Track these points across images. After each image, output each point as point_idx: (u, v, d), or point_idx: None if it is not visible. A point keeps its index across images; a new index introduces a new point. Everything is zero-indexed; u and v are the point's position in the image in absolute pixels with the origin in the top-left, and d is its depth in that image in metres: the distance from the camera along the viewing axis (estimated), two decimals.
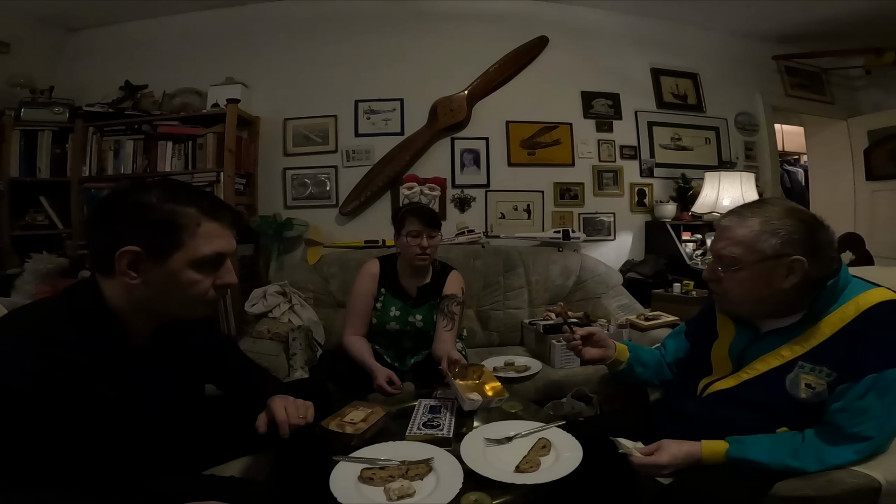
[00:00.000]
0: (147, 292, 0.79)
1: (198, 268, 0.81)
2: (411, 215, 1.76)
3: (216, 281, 0.84)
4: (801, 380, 0.94)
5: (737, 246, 0.97)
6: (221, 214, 0.84)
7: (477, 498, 0.93)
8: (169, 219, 0.78)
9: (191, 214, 0.80)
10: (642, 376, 1.27)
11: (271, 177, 2.92)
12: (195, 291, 0.82)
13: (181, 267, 0.79)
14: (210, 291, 0.84)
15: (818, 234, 0.95)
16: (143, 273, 0.78)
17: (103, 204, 0.82)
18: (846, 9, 2.99)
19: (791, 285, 0.94)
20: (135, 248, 0.76)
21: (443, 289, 1.84)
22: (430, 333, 1.82)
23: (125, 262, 0.77)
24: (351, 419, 1.19)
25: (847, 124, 3.71)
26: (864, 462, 0.89)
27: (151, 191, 0.80)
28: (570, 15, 3.11)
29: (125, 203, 0.79)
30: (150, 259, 0.78)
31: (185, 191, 0.84)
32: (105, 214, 0.80)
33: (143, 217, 0.77)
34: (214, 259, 0.83)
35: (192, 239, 0.79)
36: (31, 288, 2.23)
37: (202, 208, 0.81)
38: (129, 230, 0.77)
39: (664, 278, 2.77)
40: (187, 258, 0.79)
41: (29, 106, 2.61)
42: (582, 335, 1.26)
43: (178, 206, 0.79)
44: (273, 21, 2.95)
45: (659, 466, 0.96)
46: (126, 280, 0.78)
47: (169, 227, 0.78)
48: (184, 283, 0.80)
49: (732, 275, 0.98)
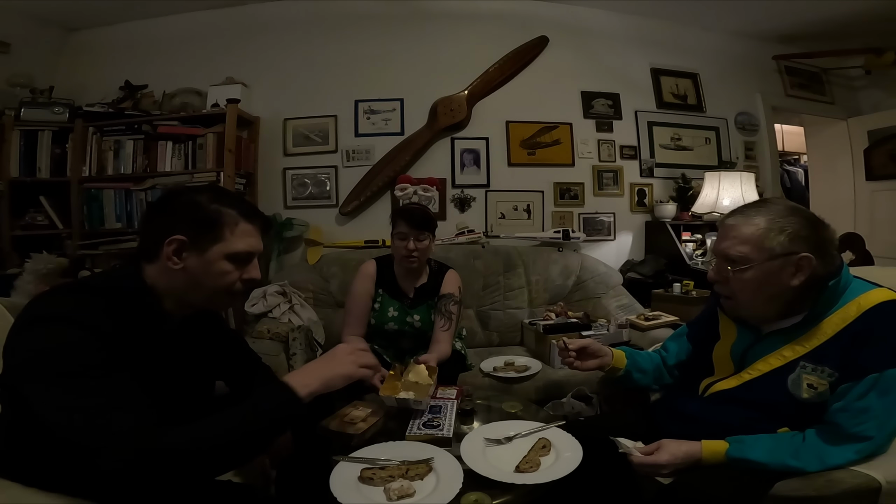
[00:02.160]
0: (184, 278, 0.90)
1: (231, 261, 0.92)
2: (400, 217, 1.76)
3: (243, 275, 0.95)
4: (803, 380, 0.94)
5: (744, 245, 0.96)
6: (256, 218, 0.97)
7: (477, 498, 0.93)
8: (214, 216, 0.91)
9: (232, 215, 0.92)
10: (641, 382, 1.27)
11: (271, 177, 2.92)
12: (224, 281, 0.93)
13: (217, 258, 0.91)
14: (237, 284, 0.95)
15: (822, 230, 0.95)
16: (184, 260, 0.89)
17: (162, 199, 0.96)
18: (846, 9, 2.99)
19: (799, 283, 0.94)
20: (181, 238, 0.88)
21: (440, 288, 1.85)
22: (429, 333, 1.81)
23: (172, 248, 0.88)
24: (351, 419, 1.19)
25: (847, 124, 3.71)
26: (865, 462, 0.89)
27: (202, 192, 0.95)
28: (570, 15, 3.11)
29: (180, 200, 0.93)
30: (193, 248, 0.89)
31: (229, 195, 0.99)
32: (162, 208, 0.94)
33: (193, 212, 0.90)
34: (245, 255, 0.94)
35: (230, 235, 0.92)
36: (31, 288, 2.22)
37: (241, 211, 0.94)
38: (180, 222, 0.89)
39: (664, 278, 2.77)
40: (223, 251, 0.91)
41: (29, 106, 2.61)
42: (576, 349, 1.24)
43: (223, 206, 0.92)
44: (273, 21, 2.95)
45: (659, 466, 0.96)
46: (169, 265, 0.89)
47: (213, 223, 0.91)
48: (216, 272, 0.91)
49: (741, 274, 0.97)
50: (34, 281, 2.25)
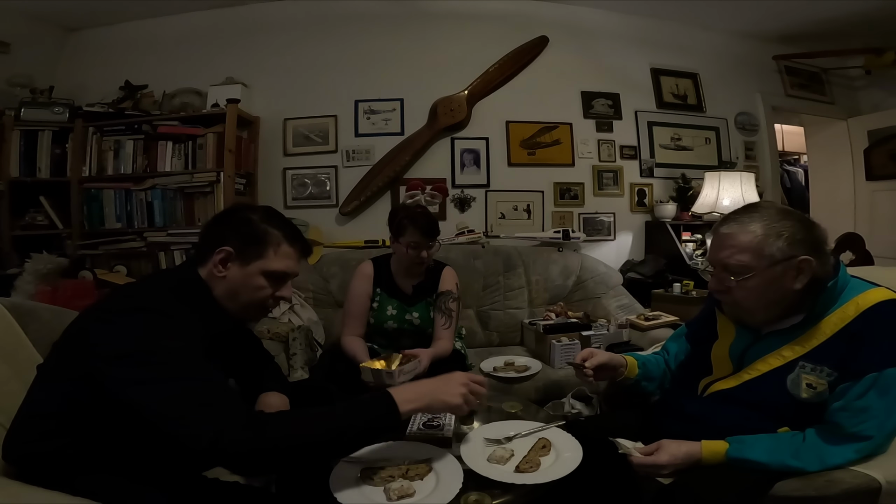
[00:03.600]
0: (224, 286, 0.98)
1: (267, 277, 0.99)
2: (412, 226, 1.74)
3: (276, 293, 1.02)
4: (803, 380, 0.94)
5: (744, 253, 0.95)
6: (298, 243, 1.04)
7: (477, 498, 0.93)
8: (261, 234, 0.99)
9: (277, 235, 1.00)
10: (647, 389, 1.27)
11: (271, 177, 2.92)
12: (259, 296, 1.00)
13: (255, 272, 0.98)
14: (269, 300, 1.03)
15: (815, 231, 0.96)
16: (228, 269, 0.98)
17: (222, 212, 1.08)
18: (846, 9, 2.99)
19: (802, 285, 0.94)
20: (229, 249, 0.97)
21: (438, 285, 1.86)
22: (428, 330, 1.83)
23: (220, 257, 0.97)
24: None
25: (847, 124, 3.71)
26: (864, 462, 0.89)
27: (257, 211, 1.03)
28: (570, 15, 3.11)
29: (237, 215, 1.02)
30: (237, 259, 0.98)
31: (279, 218, 1.05)
32: (220, 220, 1.04)
33: (244, 227, 0.99)
34: (281, 275, 1.01)
35: (272, 254, 0.99)
36: (31, 288, 2.22)
37: (287, 233, 1.02)
38: (232, 235, 0.98)
39: (664, 278, 2.76)
40: (263, 267, 0.99)
41: (29, 106, 2.61)
42: (596, 366, 1.20)
43: (271, 227, 1.00)
44: (273, 21, 2.95)
45: (658, 466, 0.96)
46: (214, 272, 0.97)
47: (259, 240, 0.99)
48: (253, 286, 0.99)
49: (744, 283, 0.96)
50: (34, 281, 2.25)
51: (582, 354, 1.21)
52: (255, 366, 1.24)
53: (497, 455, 1.05)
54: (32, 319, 1.13)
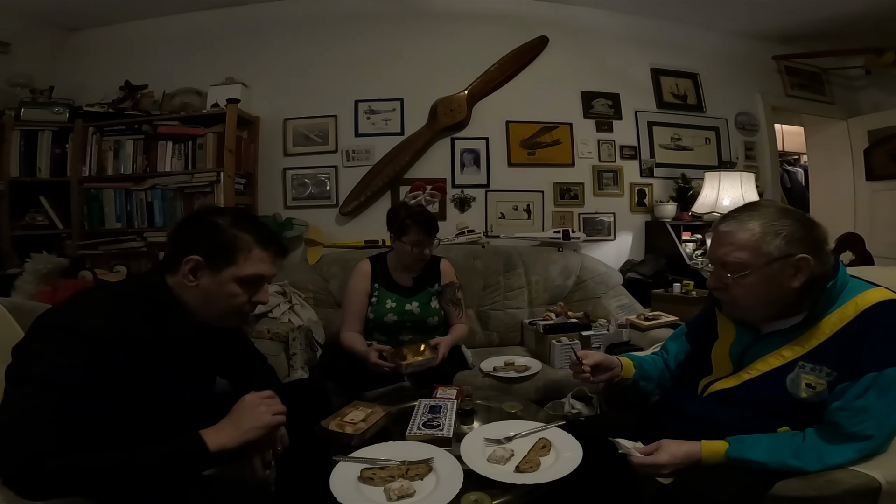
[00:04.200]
0: (197, 294, 0.96)
1: (240, 284, 0.97)
2: (415, 226, 1.81)
3: (252, 298, 1.00)
4: (802, 379, 0.94)
5: (742, 251, 0.96)
6: (271, 245, 1.02)
7: (477, 498, 0.94)
8: (230, 241, 0.96)
9: (247, 241, 0.97)
10: (645, 389, 1.27)
11: (271, 177, 2.92)
12: (233, 303, 0.98)
13: (228, 280, 0.96)
14: (246, 306, 1.01)
15: (815, 230, 0.96)
16: (199, 279, 0.95)
17: (189, 217, 1.04)
18: (846, 9, 2.99)
19: (800, 284, 0.94)
20: (198, 258, 0.94)
21: (436, 275, 1.96)
22: (428, 321, 1.90)
23: (189, 266, 0.94)
24: (351, 419, 1.19)
25: (847, 124, 3.71)
26: (864, 462, 0.89)
27: (225, 215, 0.99)
28: (570, 15, 3.11)
29: (204, 221, 0.98)
30: (208, 268, 0.95)
31: (249, 220, 1.02)
32: (186, 226, 1.00)
33: (212, 235, 0.96)
34: (255, 279, 0.99)
35: (242, 260, 0.97)
36: (32, 288, 2.22)
37: (258, 237, 0.99)
38: (199, 243, 0.95)
39: (664, 278, 2.76)
40: (234, 274, 0.96)
41: (29, 106, 2.61)
42: (591, 365, 1.21)
43: (240, 231, 0.97)
44: (273, 21, 2.95)
45: (658, 466, 0.96)
46: (184, 281, 0.95)
47: (229, 247, 0.96)
48: (227, 293, 0.97)
49: (741, 280, 0.96)
50: (34, 281, 2.25)
51: (581, 355, 1.23)
52: (247, 367, 1.22)
53: (497, 455, 1.05)
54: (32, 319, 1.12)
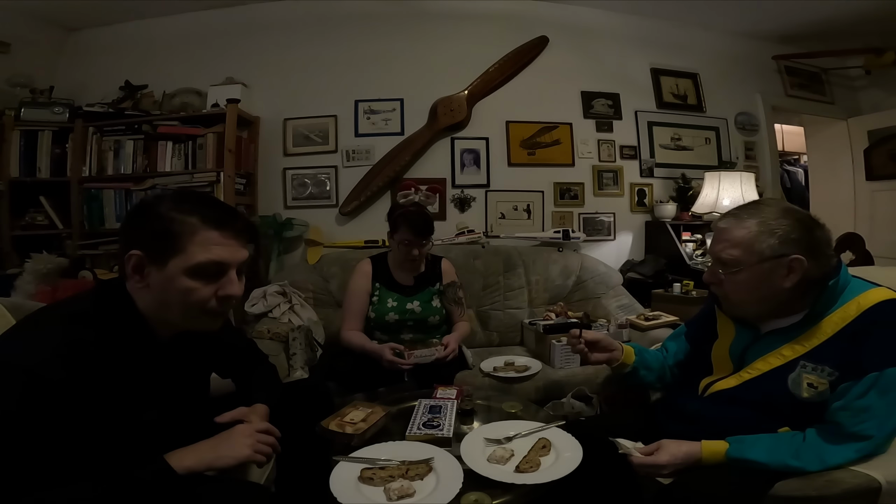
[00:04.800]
0: (151, 297, 0.83)
1: (193, 275, 0.81)
2: (405, 224, 1.82)
3: (218, 291, 0.84)
4: (804, 379, 0.94)
5: (735, 248, 0.97)
6: (226, 224, 0.84)
7: (477, 498, 0.93)
8: (168, 226, 0.80)
9: (191, 223, 0.81)
10: (646, 379, 1.27)
11: (271, 177, 2.92)
12: (192, 299, 0.82)
13: (177, 273, 0.80)
14: (211, 302, 0.84)
15: (815, 232, 0.96)
16: (147, 277, 0.81)
17: (130, 211, 0.92)
18: (846, 9, 2.99)
19: (792, 284, 0.94)
20: (137, 252, 0.80)
21: (438, 275, 1.98)
22: (429, 320, 1.91)
23: (131, 264, 0.81)
24: (351, 419, 1.19)
25: (847, 124, 3.71)
26: (865, 462, 0.89)
27: (165, 199, 0.83)
28: (570, 15, 3.11)
29: (140, 211, 0.84)
30: (152, 263, 0.81)
31: (194, 200, 0.85)
32: (126, 221, 0.87)
33: (147, 223, 0.81)
34: (211, 267, 0.83)
35: (189, 246, 0.80)
36: (31, 288, 2.22)
37: (205, 217, 0.82)
38: (136, 235, 0.81)
39: (664, 278, 2.76)
40: (183, 265, 0.80)
41: (29, 106, 2.61)
42: (588, 340, 1.23)
43: (181, 214, 0.81)
44: (273, 21, 2.95)
45: (658, 466, 0.96)
46: (134, 283, 0.82)
47: (166, 233, 0.80)
48: (180, 289, 0.81)
49: (733, 276, 0.98)
50: (34, 281, 2.25)
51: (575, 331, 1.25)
52: (247, 366, 1.20)
53: (497, 455, 1.05)
54: None
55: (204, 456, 0.84)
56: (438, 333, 1.93)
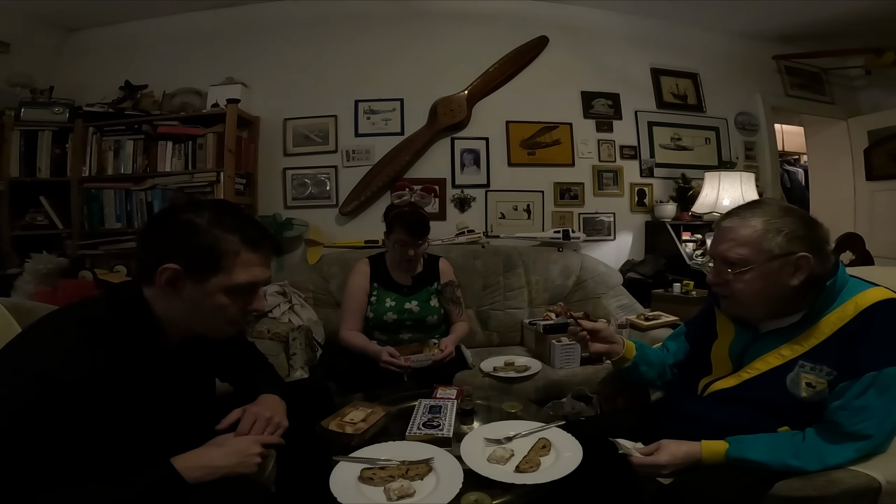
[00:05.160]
0: (181, 306, 0.84)
1: (231, 294, 0.84)
2: (399, 225, 1.82)
3: (246, 306, 0.89)
4: (802, 379, 0.94)
5: (743, 247, 0.96)
6: (262, 245, 0.88)
7: (477, 498, 0.93)
8: (212, 244, 0.81)
9: (233, 242, 0.83)
10: (646, 375, 1.27)
11: (271, 177, 2.92)
12: (225, 315, 0.86)
13: (216, 291, 0.83)
14: (239, 316, 0.89)
15: (816, 230, 0.96)
16: (180, 290, 0.82)
17: (157, 217, 0.87)
18: (846, 9, 2.99)
19: (799, 282, 0.94)
20: (175, 267, 0.80)
21: (435, 274, 1.98)
22: (427, 319, 1.91)
23: (165, 277, 0.80)
24: (351, 419, 1.19)
25: (847, 124, 3.71)
26: (865, 461, 0.89)
27: (203, 212, 0.83)
28: (570, 15, 3.11)
29: (176, 220, 0.83)
30: (189, 278, 0.81)
31: (233, 216, 0.86)
32: (157, 228, 0.85)
33: (188, 238, 0.81)
34: (249, 287, 0.86)
35: (230, 266, 0.83)
36: (31, 288, 2.22)
37: (245, 237, 0.84)
38: (174, 248, 0.81)
39: (664, 278, 2.76)
40: (223, 284, 0.83)
41: (29, 106, 2.61)
42: (588, 329, 1.23)
43: (223, 232, 0.82)
44: (273, 21, 2.95)
45: (658, 466, 0.96)
46: (162, 293, 0.82)
47: (211, 253, 0.82)
48: (216, 306, 0.84)
49: (741, 276, 0.97)
50: (34, 281, 2.25)
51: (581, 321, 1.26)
52: (248, 369, 1.20)
53: (497, 455, 1.05)
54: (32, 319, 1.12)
55: (206, 461, 0.85)
56: (437, 333, 1.93)
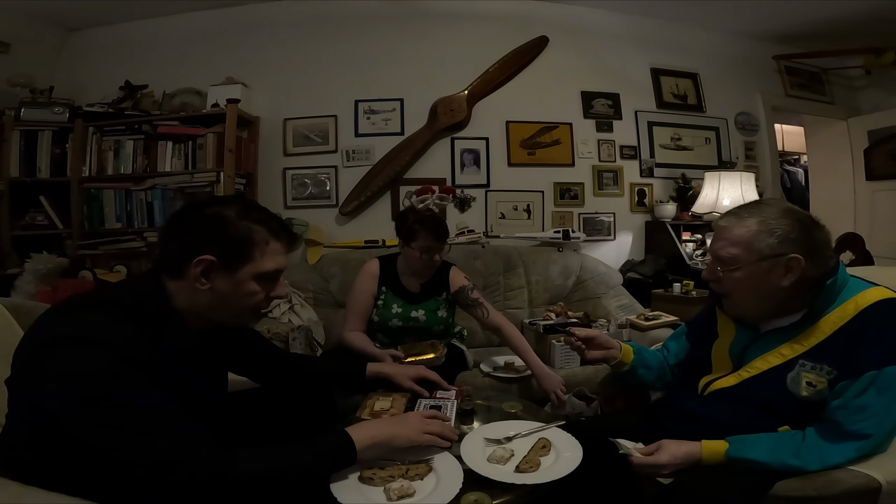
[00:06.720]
0: (210, 297, 0.87)
1: (259, 281, 0.90)
2: (424, 231, 1.76)
3: (270, 293, 0.94)
4: (803, 378, 0.94)
5: (734, 246, 0.98)
6: (284, 235, 0.95)
7: (477, 498, 0.93)
8: (245, 235, 0.87)
9: (262, 233, 0.89)
10: (645, 378, 1.27)
11: (271, 177, 2.92)
12: (252, 301, 0.91)
13: (246, 278, 0.88)
14: (263, 303, 0.94)
15: (814, 233, 0.96)
16: (212, 280, 0.86)
17: (184, 212, 0.90)
18: (846, 9, 2.99)
19: (790, 283, 0.95)
20: (210, 258, 0.84)
21: (446, 283, 1.90)
22: (433, 329, 1.87)
23: (200, 268, 0.84)
24: (381, 408, 1.22)
25: (847, 124, 3.71)
26: (864, 461, 0.89)
27: (230, 206, 0.89)
28: (570, 15, 3.11)
29: (206, 214, 0.87)
30: (222, 268, 0.86)
31: (258, 209, 0.93)
32: (186, 222, 0.88)
33: (222, 230, 0.86)
34: (275, 274, 0.92)
35: (259, 255, 0.89)
36: (31, 288, 2.23)
37: (271, 228, 0.91)
38: (208, 240, 0.85)
39: (664, 278, 2.77)
40: (253, 271, 0.88)
41: (29, 106, 2.61)
42: (583, 337, 1.24)
43: (253, 223, 0.88)
44: (273, 21, 2.95)
45: (658, 466, 0.96)
46: (196, 285, 0.85)
47: (244, 243, 0.87)
48: (245, 293, 0.89)
49: (731, 274, 0.99)
50: (34, 281, 2.25)
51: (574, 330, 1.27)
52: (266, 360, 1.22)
53: (497, 455, 1.05)
54: (32, 319, 1.12)
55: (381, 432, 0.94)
56: (444, 340, 1.89)
